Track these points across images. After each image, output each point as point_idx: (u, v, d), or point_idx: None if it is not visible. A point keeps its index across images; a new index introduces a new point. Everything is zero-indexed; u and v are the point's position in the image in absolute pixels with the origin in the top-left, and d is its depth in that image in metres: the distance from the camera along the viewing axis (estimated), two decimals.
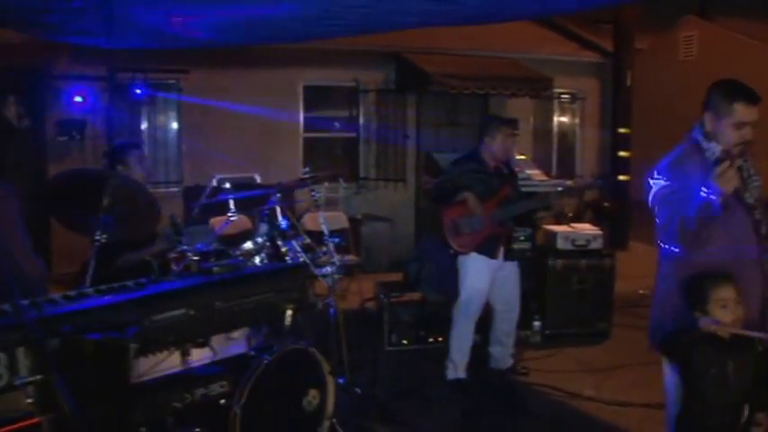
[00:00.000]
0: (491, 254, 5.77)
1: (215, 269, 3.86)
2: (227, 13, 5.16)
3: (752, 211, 3.29)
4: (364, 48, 11.73)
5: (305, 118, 12.26)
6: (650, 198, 3.43)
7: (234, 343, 3.96)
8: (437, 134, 12.26)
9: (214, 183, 10.26)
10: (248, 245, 4.44)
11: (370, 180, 12.25)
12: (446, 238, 5.71)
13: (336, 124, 12.55)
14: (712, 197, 3.06)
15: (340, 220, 8.75)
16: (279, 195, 4.78)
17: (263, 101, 11.64)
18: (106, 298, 3.46)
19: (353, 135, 12.44)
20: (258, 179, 10.46)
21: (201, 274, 3.90)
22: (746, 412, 3.20)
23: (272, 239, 4.56)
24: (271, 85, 11.76)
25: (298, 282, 4.22)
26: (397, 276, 7.68)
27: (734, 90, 3.27)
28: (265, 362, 4.03)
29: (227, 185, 4.99)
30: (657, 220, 3.43)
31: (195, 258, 3.75)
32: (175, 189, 11.23)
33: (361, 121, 12.38)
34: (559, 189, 5.99)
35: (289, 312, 3.90)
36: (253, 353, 4.15)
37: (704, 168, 3.24)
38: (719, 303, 3.14)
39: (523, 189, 6.09)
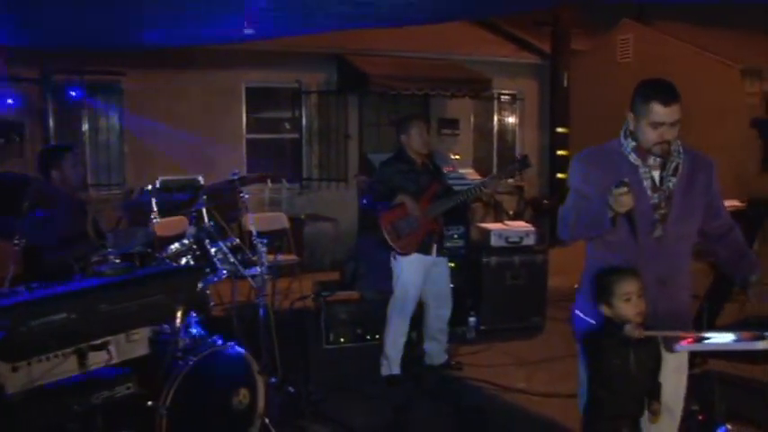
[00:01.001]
0: (425, 251, 5.87)
1: (106, 271, 3.86)
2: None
3: (652, 211, 3.35)
4: (306, 49, 11.80)
5: (247, 119, 12.26)
6: (569, 184, 3.54)
7: (136, 345, 3.95)
8: (379, 134, 12.40)
9: (157, 185, 10.24)
10: (175, 246, 4.48)
11: (314, 180, 12.32)
12: (387, 241, 5.78)
13: (287, 125, 12.59)
14: (608, 212, 3.14)
15: (280, 220, 8.78)
16: (205, 197, 4.82)
17: (205, 102, 11.66)
18: None
19: (296, 136, 12.49)
20: (201, 181, 10.45)
21: (95, 277, 3.90)
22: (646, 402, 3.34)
23: (199, 241, 4.60)
24: (213, 86, 11.76)
25: (190, 283, 4.24)
26: (335, 276, 7.77)
27: (651, 90, 3.28)
28: (191, 363, 4.08)
29: (149, 188, 5.00)
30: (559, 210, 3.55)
31: (116, 261, 3.78)
32: (118, 191, 11.17)
33: (304, 122, 12.43)
34: (485, 179, 6.10)
35: (179, 313, 3.92)
36: (179, 354, 4.20)
37: (615, 166, 3.35)
38: (623, 297, 3.22)
39: (457, 188, 6.18)
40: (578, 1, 12.60)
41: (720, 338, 2.85)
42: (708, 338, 2.90)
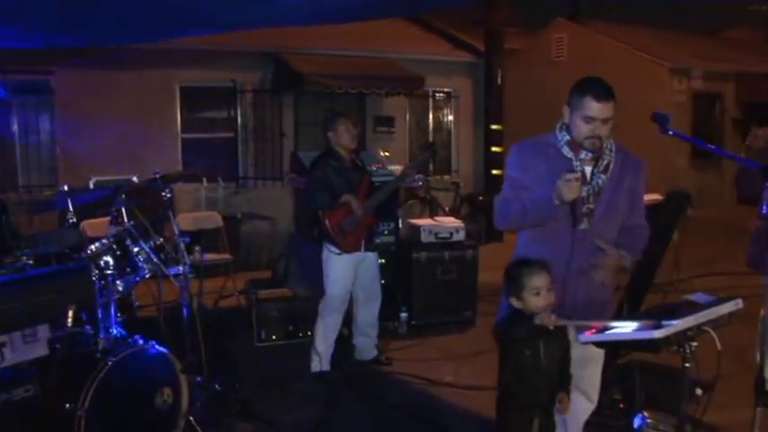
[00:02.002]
0: (358, 247, 5.93)
1: None
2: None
3: (581, 205, 3.43)
4: (241, 48, 11.77)
5: (182, 119, 12.17)
6: (505, 172, 3.62)
7: (34, 346, 3.91)
8: (315, 133, 12.41)
9: (91, 185, 10.10)
10: (95, 246, 4.44)
11: (250, 179, 12.29)
12: (334, 242, 5.81)
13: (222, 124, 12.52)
14: (554, 200, 3.24)
15: (213, 219, 8.73)
16: (124, 196, 4.79)
17: (139, 101, 11.55)
18: None
19: (232, 135, 12.44)
20: (136, 180, 10.34)
21: None
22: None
23: (120, 241, 4.57)
24: (147, 85, 11.66)
25: (81, 282, 4.23)
26: (267, 274, 7.77)
27: (588, 85, 3.37)
28: (110, 364, 4.07)
29: (66, 188, 4.95)
30: (495, 198, 3.62)
31: (30, 262, 3.74)
32: (49, 192, 11.00)
33: (239, 121, 12.39)
34: (404, 169, 6.23)
35: (70, 312, 3.89)
36: (99, 354, 4.18)
37: (550, 159, 3.45)
38: (533, 291, 3.31)
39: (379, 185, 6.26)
40: None
41: (622, 328, 2.94)
42: (611, 328, 2.98)
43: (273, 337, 6.82)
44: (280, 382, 5.86)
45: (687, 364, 2.86)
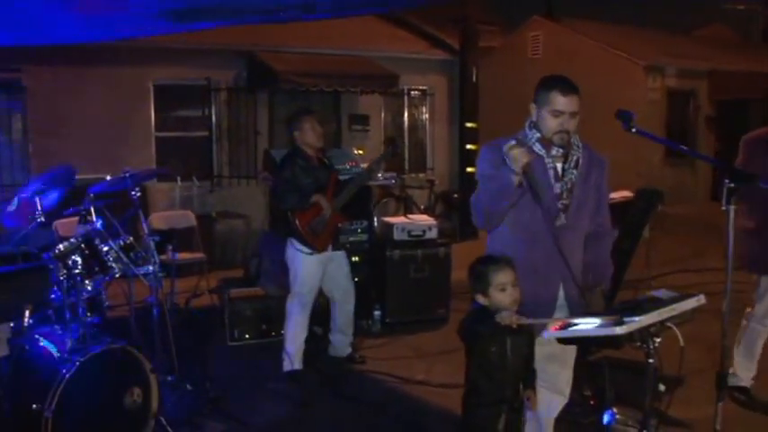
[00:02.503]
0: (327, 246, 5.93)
1: None
2: None
3: (557, 201, 3.50)
4: (215, 46, 11.72)
5: (157, 117, 12.10)
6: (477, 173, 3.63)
7: None
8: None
9: None
10: (63, 245, 4.41)
11: (224, 178, 12.25)
12: (306, 242, 5.79)
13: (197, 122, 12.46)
14: (512, 177, 3.27)
15: (187, 218, 8.69)
16: (92, 195, 4.75)
17: (113, 100, 11.46)
18: None
19: (206, 134, 12.39)
20: (109, 179, 10.25)
21: None
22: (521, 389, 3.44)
23: (88, 240, 4.54)
24: (120, 83, 11.58)
25: (38, 282, 4.20)
26: (241, 272, 7.76)
27: (552, 81, 3.46)
28: (76, 364, 4.04)
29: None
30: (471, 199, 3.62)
31: None
32: None
33: (214, 119, 12.35)
34: (369, 165, 6.24)
35: (27, 312, 3.86)
36: (66, 355, 4.15)
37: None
38: (499, 287, 3.32)
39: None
40: None
41: (584, 325, 2.95)
42: (574, 325, 3.00)
43: (246, 336, 6.80)
44: (252, 382, 5.86)
45: (651, 360, 2.88)
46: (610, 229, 3.78)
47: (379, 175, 6.23)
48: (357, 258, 7.04)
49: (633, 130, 3.27)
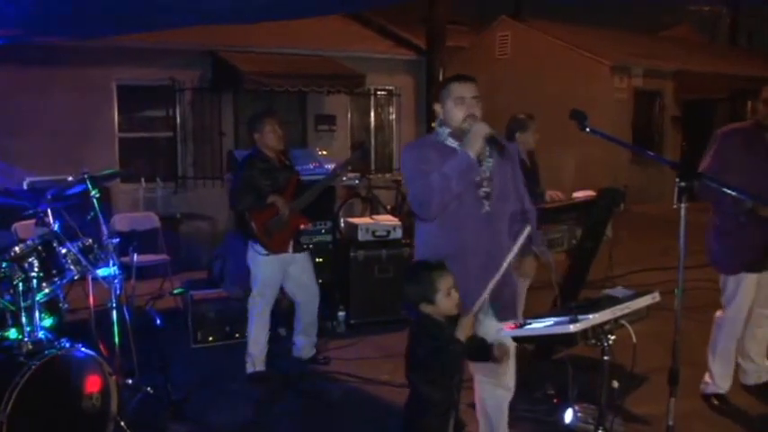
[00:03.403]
0: (285, 248, 5.89)
1: None
2: None
3: (478, 189, 3.62)
4: (179, 46, 11.64)
5: (120, 117, 11.99)
6: (405, 178, 3.76)
7: None
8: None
9: (24, 186, 9.88)
10: (18, 248, 4.35)
11: (189, 179, 12.16)
12: (261, 242, 5.76)
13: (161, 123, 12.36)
14: (469, 154, 3.43)
15: (150, 219, 8.62)
16: (49, 197, 4.70)
17: (75, 100, 11.34)
18: None
19: (170, 134, 12.30)
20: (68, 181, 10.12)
21: None
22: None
23: (46, 242, 4.48)
24: (82, 83, 11.47)
25: None
26: (204, 275, 7.70)
27: (447, 79, 3.76)
28: (32, 367, 3.98)
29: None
30: (411, 196, 3.72)
31: None
32: None
33: (178, 119, 12.26)
34: (335, 168, 6.23)
35: None
36: (22, 358, 4.08)
37: (438, 153, 3.58)
38: (446, 292, 3.27)
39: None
40: None
41: (540, 323, 2.97)
42: (529, 324, 3.01)
43: (210, 339, 6.75)
44: (215, 384, 5.81)
45: (606, 357, 2.90)
46: (533, 207, 4.01)
47: (344, 177, 6.20)
48: (321, 259, 7.02)
49: (587, 129, 3.30)
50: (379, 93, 14.50)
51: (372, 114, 14.63)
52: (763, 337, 5.24)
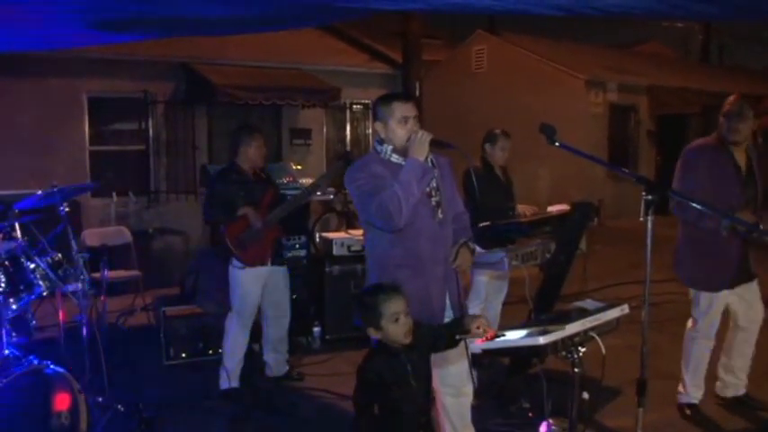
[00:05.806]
0: (261, 261, 5.85)
1: None
2: None
3: (429, 198, 3.73)
4: (152, 58, 11.58)
5: (91, 130, 11.89)
6: (355, 201, 3.80)
7: None
8: (229, 146, 12.29)
9: None
10: None
11: (162, 193, 12.07)
12: (234, 255, 5.72)
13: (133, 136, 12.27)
14: (418, 165, 3.53)
15: (122, 234, 8.53)
16: (17, 211, 4.63)
17: (44, 112, 11.22)
18: None
19: (143, 147, 12.21)
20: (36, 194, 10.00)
21: None
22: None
23: (13, 257, 4.41)
24: (52, 95, 11.35)
25: None
26: (177, 290, 7.63)
27: (388, 96, 3.77)
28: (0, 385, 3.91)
29: None
30: (363, 216, 3.77)
31: None
32: None
33: (151, 133, 12.17)
34: (315, 181, 6.21)
35: None
36: None
37: (385, 169, 3.66)
38: (393, 318, 3.12)
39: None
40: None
41: (511, 336, 2.96)
42: (501, 336, 3.00)
43: (183, 355, 6.67)
44: (187, 401, 5.73)
45: (576, 369, 2.89)
46: (466, 211, 4.11)
47: (318, 192, 6.18)
48: (295, 274, 6.96)
49: (556, 144, 3.32)
50: (354, 106, 14.50)
51: (348, 128, 14.62)
52: (750, 353, 5.28)
